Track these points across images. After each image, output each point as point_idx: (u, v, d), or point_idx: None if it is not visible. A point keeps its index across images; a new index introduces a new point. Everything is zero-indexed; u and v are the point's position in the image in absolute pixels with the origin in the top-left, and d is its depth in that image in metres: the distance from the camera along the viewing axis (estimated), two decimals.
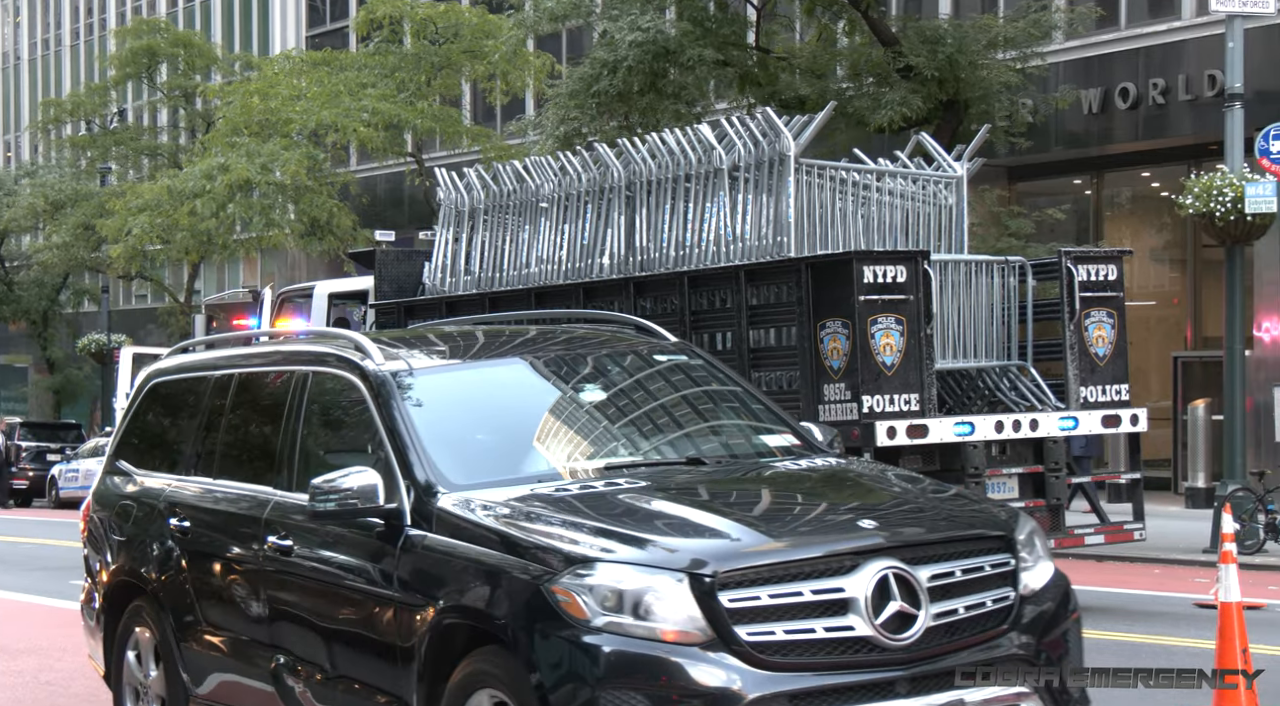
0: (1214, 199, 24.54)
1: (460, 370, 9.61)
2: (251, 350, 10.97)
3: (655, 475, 8.63)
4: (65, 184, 60.20)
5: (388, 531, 8.36)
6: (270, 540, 9.25)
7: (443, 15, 43.66)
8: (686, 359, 9.99)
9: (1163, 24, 34.51)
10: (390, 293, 21.33)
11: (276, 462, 9.68)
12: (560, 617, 7.38)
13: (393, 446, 8.62)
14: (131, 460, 11.52)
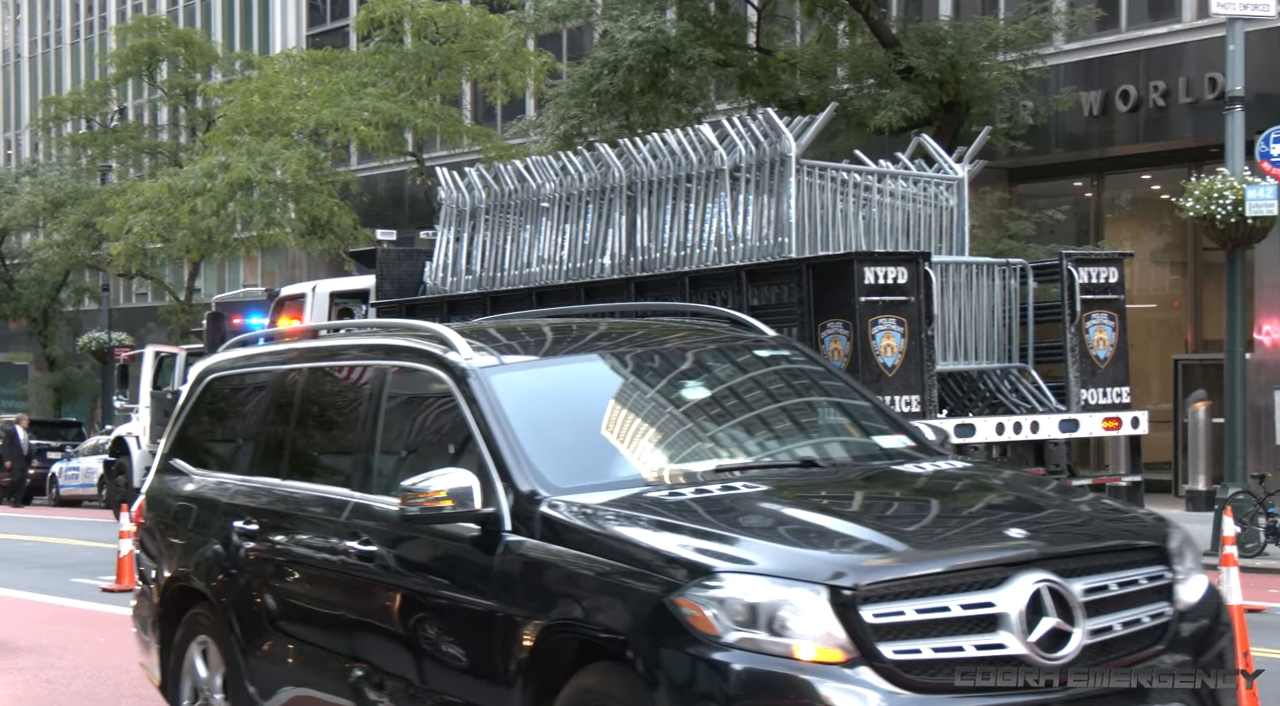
0: (1214, 202, 24.56)
1: (551, 365, 9.02)
2: (320, 343, 10.44)
3: (772, 478, 8.13)
4: (66, 182, 60.23)
5: (483, 537, 7.83)
6: (351, 545, 8.69)
7: (443, 15, 43.69)
8: (788, 354, 9.49)
9: (1163, 26, 34.54)
10: (391, 292, 21.33)
11: (354, 463, 9.12)
12: (687, 632, 6.82)
13: (487, 446, 8.05)
14: (188, 459, 10.93)
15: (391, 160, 49.93)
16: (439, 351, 8.70)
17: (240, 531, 9.72)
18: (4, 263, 68.23)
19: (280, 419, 10.03)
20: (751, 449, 8.59)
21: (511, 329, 9.80)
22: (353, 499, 8.90)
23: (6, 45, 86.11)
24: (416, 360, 8.88)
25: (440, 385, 8.58)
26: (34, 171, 65.66)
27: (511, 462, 7.90)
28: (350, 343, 10.23)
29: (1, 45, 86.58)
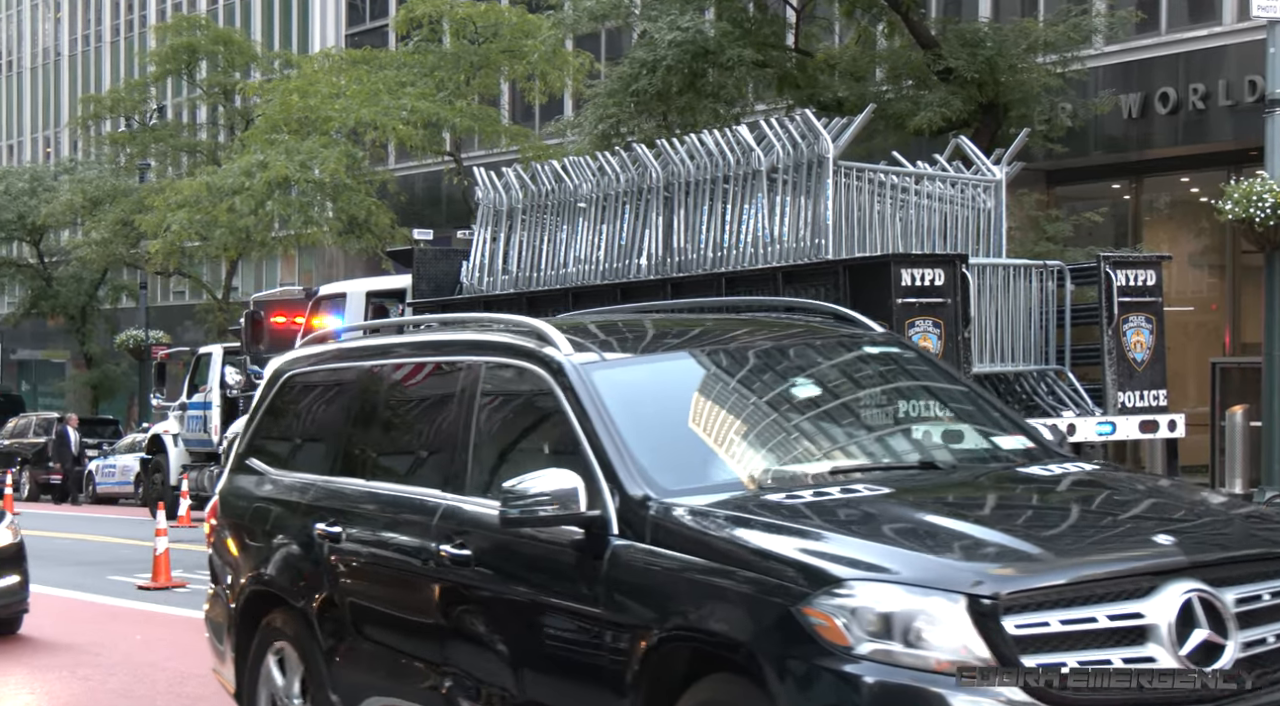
0: (1254, 204, 24.46)
1: (653, 362, 8.61)
2: (406, 339, 9.99)
3: (892, 481, 7.75)
4: (104, 180, 60.43)
5: (588, 541, 7.46)
6: (444, 548, 8.30)
7: (482, 15, 43.75)
8: (899, 351, 9.12)
9: (1203, 29, 34.41)
10: (428, 291, 21.35)
11: (444, 463, 8.72)
12: (816, 643, 6.45)
13: (591, 447, 7.69)
14: (265, 459, 10.55)
15: (429, 160, 50.01)
16: (536, 347, 8.36)
17: (323, 534, 9.37)
18: (43, 260, 68.51)
19: (363, 417, 9.71)
20: (866, 450, 8.25)
21: (608, 324, 9.46)
22: (444, 501, 8.54)
23: (46, 43, 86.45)
24: (512, 356, 8.55)
25: (538, 382, 8.25)
26: (73, 169, 65.90)
27: (618, 463, 7.56)
28: (439, 338, 9.83)
29: (41, 43, 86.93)
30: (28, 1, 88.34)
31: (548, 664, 7.72)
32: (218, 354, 35.77)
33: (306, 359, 10.65)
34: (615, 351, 8.48)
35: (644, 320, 9.81)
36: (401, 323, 10.40)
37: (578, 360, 8.14)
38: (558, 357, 8.17)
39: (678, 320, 9.77)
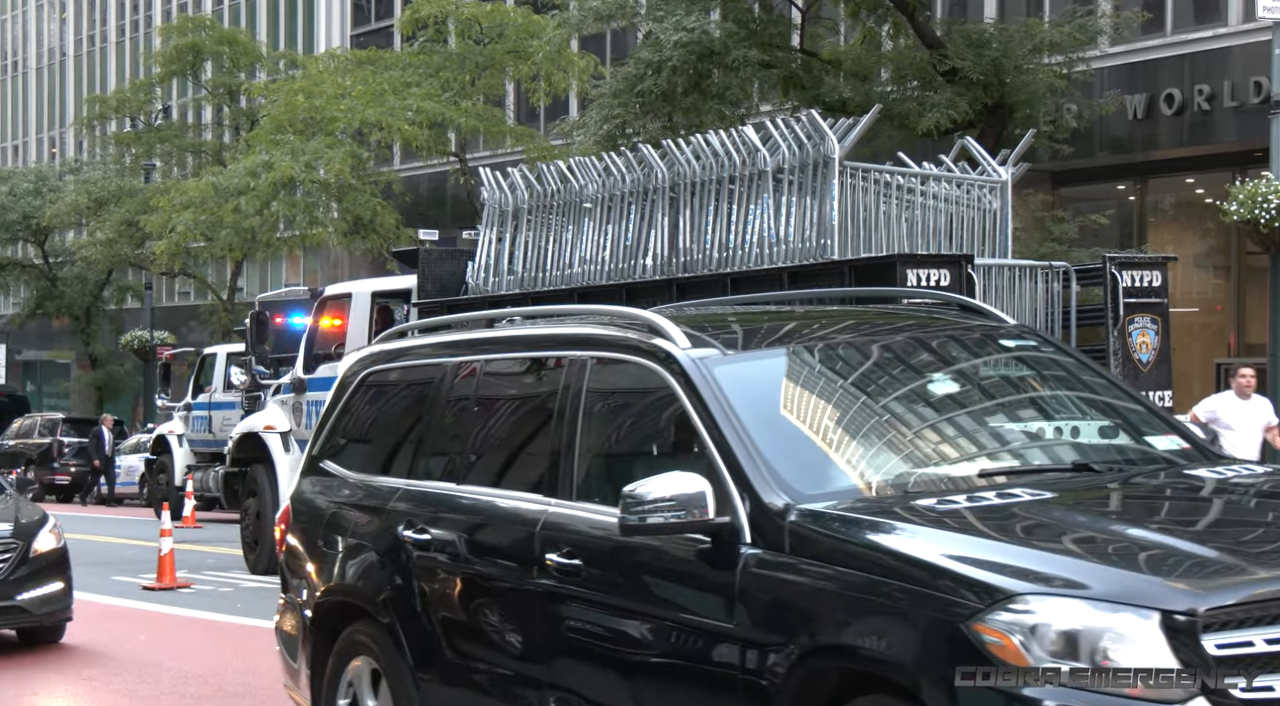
0: (1258, 205, 24.45)
1: (777, 356, 7.81)
2: (498, 334, 9.39)
3: (1049, 485, 7.09)
4: (109, 180, 60.48)
5: (716, 550, 6.86)
6: (550, 558, 7.66)
7: (487, 15, 43.77)
8: (1035, 344, 8.45)
9: (1209, 30, 34.40)
10: (433, 292, 21.35)
11: (547, 466, 8.06)
12: (989, 663, 5.88)
13: (718, 448, 7.05)
14: (342, 462, 9.89)
15: (434, 160, 50.04)
16: (648, 341, 7.71)
17: (411, 541, 8.73)
18: (47, 261, 68.54)
19: (453, 417, 9.03)
20: (1012, 451, 7.62)
21: (718, 317, 8.78)
22: (548, 506, 7.91)
23: (52, 44, 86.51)
24: (622, 351, 7.91)
25: (652, 379, 7.62)
26: (78, 170, 65.96)
27: (748, 466, 6.93)
28: (538, 332, 9.11)
29: (46, 44, 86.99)
30: (33, 2, 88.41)
31: (668, 683, 7.14)
32: (223, 354, 35.76)
33: (384, 356, 10.02)
34: (735, 345, 7.81)
35: (759, 312, 9.09)
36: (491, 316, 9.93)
37: (697, 354, 7.51)
38: (674, 352, 7.54)
39: (792, 312, 9.08)
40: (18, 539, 16.48)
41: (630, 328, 8.04)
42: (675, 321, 7.83)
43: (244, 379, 27.52)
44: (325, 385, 22.76)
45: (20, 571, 16.31)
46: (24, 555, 16.40)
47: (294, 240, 49.16)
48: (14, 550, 16.35)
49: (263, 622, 18.00)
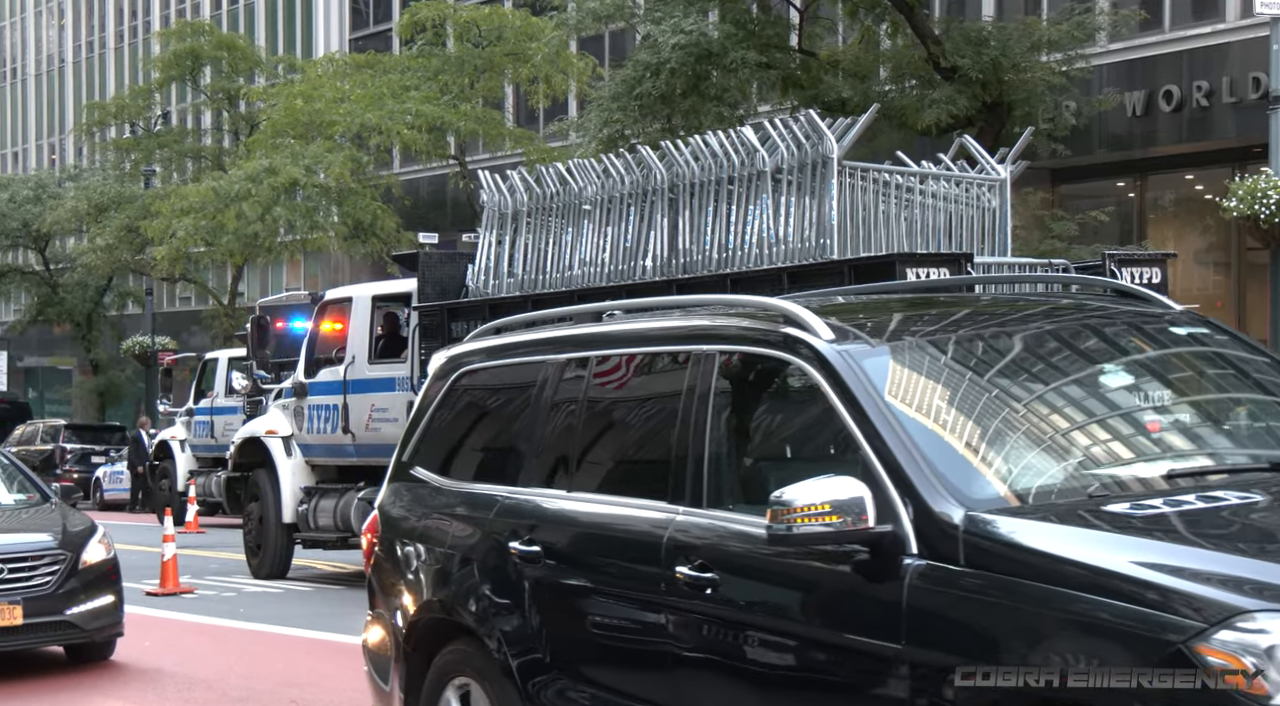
0: (1258, 201, 24.47)
1: (930, 348, 7.03)
2: (612, 329, 8.56)
3: (1254, 486, 6.35)
4: (109, 186, 60.46)
5: (876, 561, 6.21)
6: (680, 571, 6.98)
7: (486, 18, 43.79)
8: (1208, 332, 7.68)
9: (1207, 26, 34.40)
10: (434, 295, 21.36)
11: (674, 470, 7.33)
12: (1220, 692, 5.21)
13: (875, 450, 6.38)
14: (435, 468, 9.18)
15: (434, 163, 50.05)
16: (787, 333, 7.00)
17: (518, 553, 8.05)
18: (48, 267, 68.54)
19: (560, 419, 8.31)
20: (1200, 449, 6.91)
21: (862, 306, 8.21)
22: (676, 514, 7.21)
23: (51, 50, 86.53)
24: (757, 344, 7.21)
25: (793, 374, 6.99)
26: (77, 176, 65.95)
27: (912, 469, 6.26)
28: (658, 326, 8.30)
29: (46, 50, 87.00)
30: (32, 9, 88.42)
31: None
32: (224, 359, 35.79)
33: (483, 353, 9.22)
34: (881, 336, 7.09)
35: (897, 301, 8.28)
36: (603, 309, 8.96)
37: (843, 347, 6.80)
38: (817, 344, 6.83)
39: (947, 300, 8.35)
40: (65, 549, 15.49)
41: (764, 319, 7.31)
42: (815, 311, 7.11)
43: (245, 384, 27.52)
44: (326, 389, 22.81)
45: (69, 584, 15.31)
46: (73, 567, 15.39)
47: (295, 245, 49.16)
48: (62, 562, 15.35)
49: (265, 627, 18.03)
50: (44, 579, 15.19)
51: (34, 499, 17.03)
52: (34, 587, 15.10)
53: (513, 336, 9.27)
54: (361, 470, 22.80)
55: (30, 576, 15.13)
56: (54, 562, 15.32)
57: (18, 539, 15.57)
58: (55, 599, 15.22)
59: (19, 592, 15.01)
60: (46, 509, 16.68)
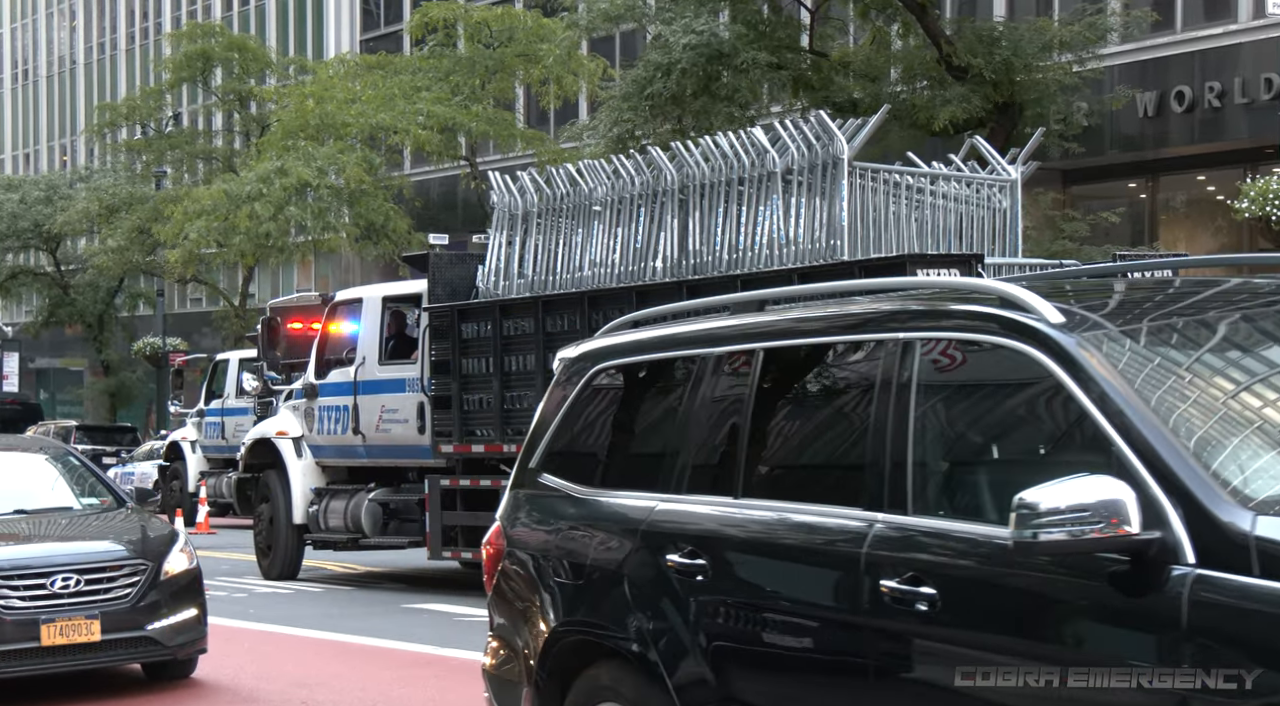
0: (1270, 202, 24.45)
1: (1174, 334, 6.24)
2: (785, 317, 7.71)
3: None
4: (120, 187, 60.52)
5: (1138, 572, 5.41)
6: (887, 584, 6.12)
7: (497, 19, 43.80)
8: None
9: (1219, 27, 34.36)
10: (444, 296, 21.34)
11: (869, 473, 6.48)
12: None
13: (1133, 446, 5.56)
14: (570, 475, 8.23)
15: (445, 164, 50.08)
16: (1008, 316, 6.19)
17: (678, 567, 7.17)
18: (60, 269, 68.62)
19: (723, 419, 7.44)
20: None
21: (1080, 288, 7.38)
22: (874, 522, 6.35)
23: (63, 52, 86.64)
24: (969, 329, 6.39)
25: (1018, 362, 6.12)
26: (89, 178, 66.01)
27: (1179, 466, 5.46)
28: (842, 312, 7.40)
29: (57, 52, 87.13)
30: (44, 10, 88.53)
31: None
32: (235, 360, 35.80)
33: (624, 348, 8.35)
34: (1119, 320, 6.30)
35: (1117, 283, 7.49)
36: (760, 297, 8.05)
37: (1080, 333, 6.01)
38: (1048, 329, 6.01)
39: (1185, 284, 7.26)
40: (146, 559, 14.15)
41: (974, 301, 6.51)
42: (1034, 289, 6.35)
43: (256, 385, 27.51)
44: (337, 390, 22.80)
45: (150, 597, 14.04)
46: (154, 577, 14.10)
47: (306, 246, 49.19)
48: (143, 572, 14.07)
49: (276, 628, 18.03)
50: (123, 591, 13.95)
51: (107, 503, 15.70)
52: (112, 600, 13.87)
53: (659, 329, 8.38)
54: (372, 471, 22.79)
55: (108, 588, 13.89)
56: (134, 573, 14.04)
57: (93, 547, 14.30)
58: (135, 612, 14.00)
59: (96, 606, 13.80)
60: (122, 514, 15.43)
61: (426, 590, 22.43)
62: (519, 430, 20.37)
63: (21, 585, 13.66)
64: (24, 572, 13.75)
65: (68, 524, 15.13)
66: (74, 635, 13.69)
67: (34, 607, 13.64)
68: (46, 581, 13.70)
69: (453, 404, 20.95)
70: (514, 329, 20.36)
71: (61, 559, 13.99)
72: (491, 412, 20.54)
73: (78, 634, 13.76)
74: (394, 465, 22.43)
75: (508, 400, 20.38)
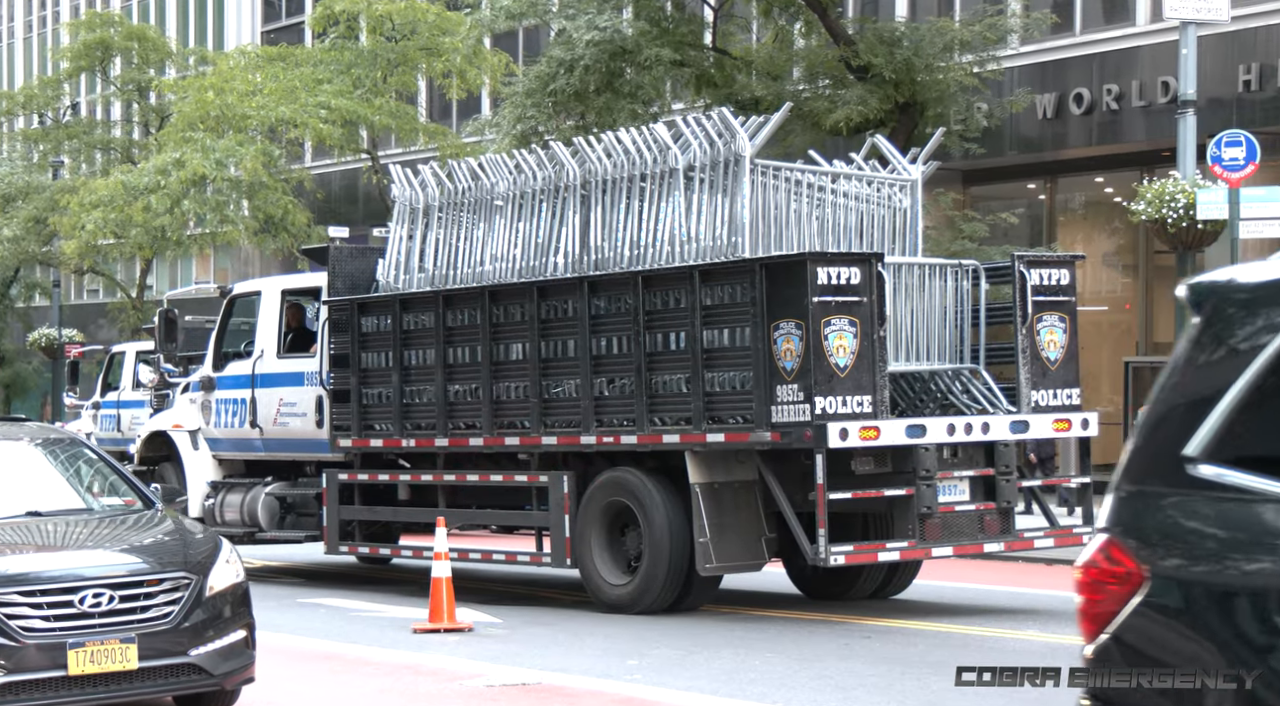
0: (1166, 205, 24.62)
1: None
2: None
3: None
4: (16, 177, 59.86)
5: None
6: None
7: (400, 12, 43.57)
8: None
9: (1117, 30, 34.62)
10: (344, 289, 21.27)
11: None
12: None
13: None
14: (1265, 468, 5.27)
15: (347, 157, 49.82)
16: None
17: None
18: None
19: None
20: None
21: None
22: None
23: None
24: None
25: None
26: None
27: None
28: None
29: None
30: None
31: None
32: (131, 353, 35.51)
33: None
34: None
35: None
36: None
37: None
38: None
39: None
40: (188, 572, 12.08)
41: None
42: None
43: (153, 377, 27.30)
44: (235, 383, 22.66)
45: (194, 616, 11.95)
46: (197, 594, 12.01)
47: (204, 238, 48.82)
48: (185, 587, 11.98)
49: None
50: (163, 609, 11.81)
51: (132, 503, 13.52)
52: (151, 621, 11.74)
53: None
54: (269, 465, 22.67)
55: (146, 607, 11.76)
56: (174, 588, 11.90)
57: (126, 559, 12.19)
58: (178, 635, 11.84)
59: (132, 627, 11.65)
60: (152, 517, 13.22)
61: (323, 585, 22.34)
62: (418, 425, 20.35)
63: (45, 602, 11.48)
64: (47, 588, 11.54)
65: (92, 529, 12.80)
66: (106, 662, 11.49)
67: (60, 629, 11.45)
68: (74, 598, 11.49)
69: (351, 398, 20.89)
70: (414, 323, 20.31)
71: (91, 571, 11.81)
72: (390, 407, 20.49)
73: (111, 661, 11.52)
74: (292, 459, 22.34)
75: (407, 394, 20.34)
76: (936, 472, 16.97)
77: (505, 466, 19.88)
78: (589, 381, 18.30)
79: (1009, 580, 21.25)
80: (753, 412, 16.79)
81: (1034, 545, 18.63)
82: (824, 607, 18.58)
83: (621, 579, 18.33)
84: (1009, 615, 17.96)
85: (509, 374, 19.27)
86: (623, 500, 18.17)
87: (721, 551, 17.45)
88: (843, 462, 16.87)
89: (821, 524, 16.37)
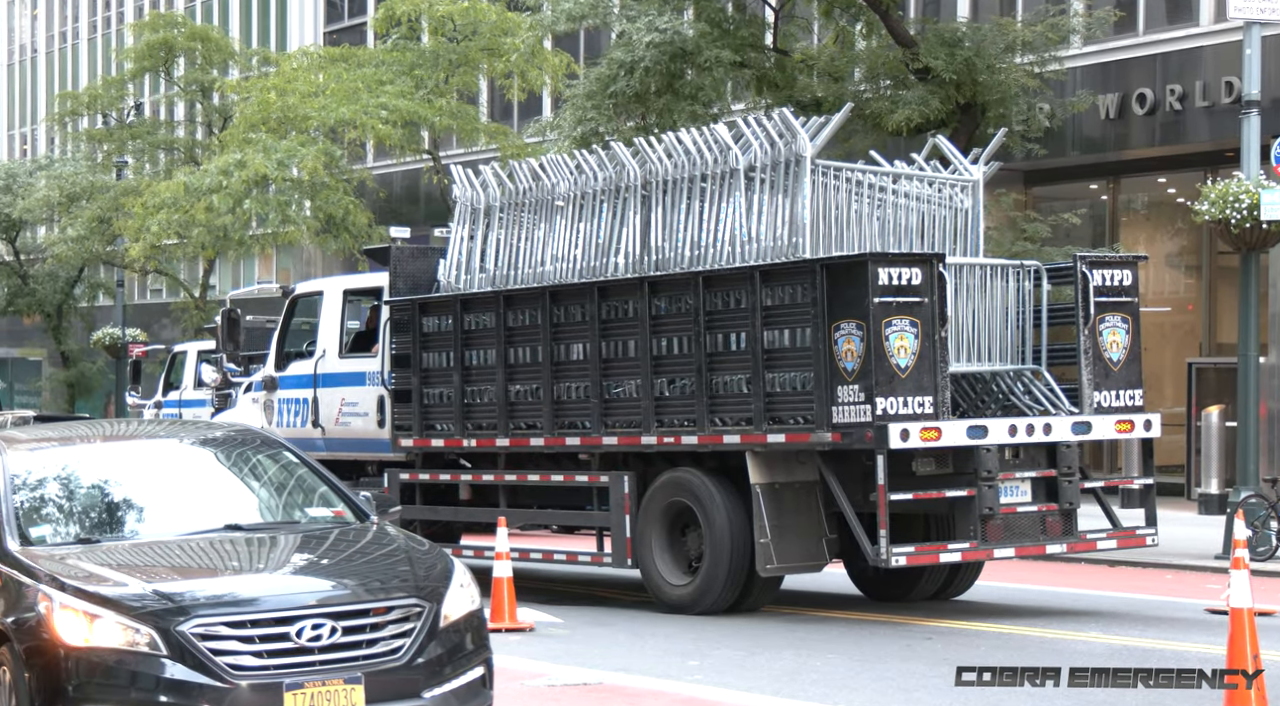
0: (1229, 205, 24.47)
1: None
2: None
3: None
4: (81, 176, 60.19)
5: None
6: None
7: (462, 13, 43.64)
8: None
9: (1181, 30, 34.46)
10: (405, 289, 21.33)
11: None
12: None
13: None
14: None
15: (408, 158, 49.93)
16: None
17: None
18: (18, 258, 68.26)
19: None
20: None
21: None
22: None
23: (23, 40, 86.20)
24: None
25: None
26: (49, 166, 65.63)
27: None
28: None
29: (18, 40, 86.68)
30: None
31: None
32: (193, 352, 35.70)
33: None
34: None
35: None
36: None
37: None
38: None
39: None
40: (420, 598, 10.47)
41: None
42: None
43: (215, 377, 27.45)
44: (296, 383, 22.76)
45: (429, 651, 10.35)
46: (431, 625, 10.42)
47: (266, 238, 49.00)
48: (417, 617, 10.39)
49: None
50: (392, 643, 10.25)
51: (341, 515, 11.94)
52: (379, 657, 10.19)
53: None
54: (331, 464, 22.72)
55: (373, 640, 10.21)
56: (404, 618, 10.35)
57: (346, 583, 10.60)
58: (410, 673, 10.25)
59: (358, 665, 10.09)
60: (367, 531, 11.60)
61: None
62: (479, 424, 20.40)
63: (256, 636, 9.97)
64: (258, 618, 10.04)
65: (302, 546, 11.24)
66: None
67: (275, 667, 9.94)
68: (290, 630, 9.99)
69: (413, 397, 20.95)
70: (475, 323, 20.36)
71: (307, 598, 10.27)
72: (451, 407, 20.54)
73: (334, 705, 9.99)
74: (353, 458, 22.40)
75: (468, 394, 20.39)
76: (998, 473, 16.94)
77: (566, 466, 19.92)
78: (649, 381, 18.31)
79: (1071, 582, 21.19)
80: (813, 413, 16.78)
81: (1096, 547, 18.53)
82: (885, 609, 18.56)
83: (682, 579, 18.34)
84: (1071, 617, 17.91)
85: (570, 374, 19.30)
86: (683, 500, 18.18)
87: (782, 552, 17.45)
88: (904, 463, 16.84)
89: (883, 525, 16.36)
